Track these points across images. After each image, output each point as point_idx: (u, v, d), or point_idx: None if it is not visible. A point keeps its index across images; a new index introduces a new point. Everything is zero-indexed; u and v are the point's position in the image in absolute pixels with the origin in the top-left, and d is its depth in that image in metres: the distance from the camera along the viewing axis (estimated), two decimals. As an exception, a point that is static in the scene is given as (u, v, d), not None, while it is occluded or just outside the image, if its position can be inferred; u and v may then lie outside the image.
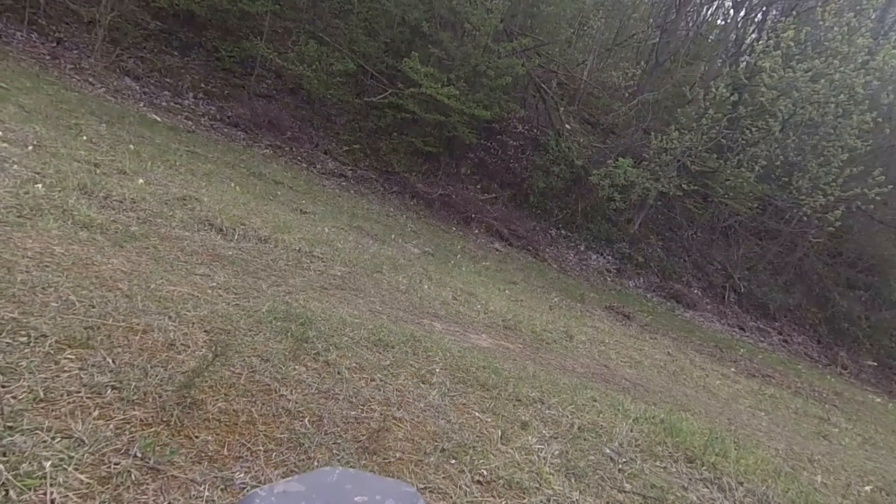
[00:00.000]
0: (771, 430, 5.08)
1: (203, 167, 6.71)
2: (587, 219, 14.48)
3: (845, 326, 15.79)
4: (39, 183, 3.22)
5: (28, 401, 1.46)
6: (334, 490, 0.48)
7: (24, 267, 2.22)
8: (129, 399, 1.66)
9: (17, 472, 1.21)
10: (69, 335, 1.85)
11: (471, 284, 6.39)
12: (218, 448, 1.63)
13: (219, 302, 2.81)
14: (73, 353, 1.77)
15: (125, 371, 1.80)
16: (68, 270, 2.39)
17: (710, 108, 12.37)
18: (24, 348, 1.68)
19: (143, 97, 9.74)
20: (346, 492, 0.48)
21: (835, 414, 7.36)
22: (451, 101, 11.06)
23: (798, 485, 3.41)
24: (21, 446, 1.27)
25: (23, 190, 3.03)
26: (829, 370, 13.22)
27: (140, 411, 1.62)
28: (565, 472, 2.40)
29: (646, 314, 10.48)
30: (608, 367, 5.04)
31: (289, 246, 4.62)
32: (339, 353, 2.73)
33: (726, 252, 16.44)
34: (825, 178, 12.25)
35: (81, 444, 1.39)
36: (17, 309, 1.88)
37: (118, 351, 1.90)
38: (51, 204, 3.03)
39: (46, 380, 1.58)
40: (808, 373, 11.30)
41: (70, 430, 1.42)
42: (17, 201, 2.86)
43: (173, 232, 3.61)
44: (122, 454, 1.42)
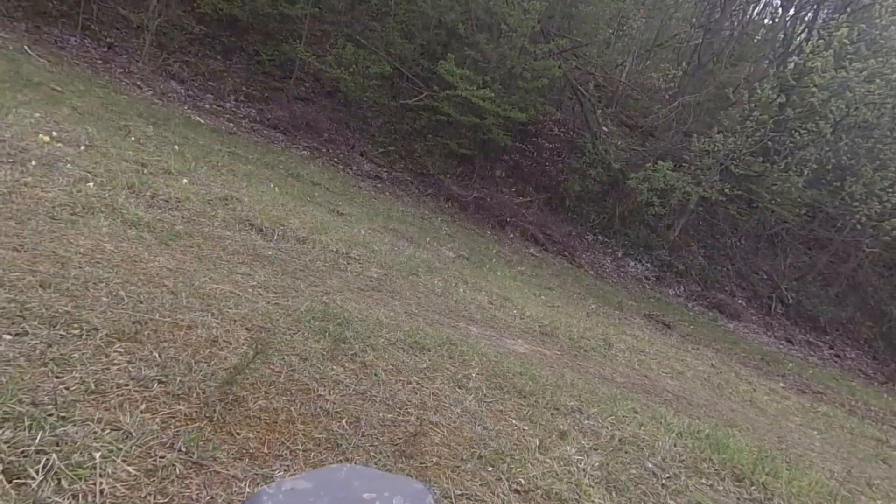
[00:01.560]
0: (825, 451, 4.82)
1: (243, 168, 6.87)
2: (625, 224, 14.15)
3: (904, 342, 14.91)
4: (91, 182, 3.34)
5: (80, 392, 1.50)
6: (342, 487, 0.47)
7: (77, 263, 2.30)
8: (175, 393, 1.68)
9: (69, 461, 1.24)
10: (118, 329, 1.90)
11: (506, 289, 6.32)
12: (258, 445, 1.64)
13: (259, 300, 2.84)
14: (122, 347, 1.81)
15: (171, 366, 1.83)
16: (118, 267, 2.46)
17: (755, 109, 11.92)
18: (76, 341, 1.73)
19: (188, 100, 10.06)
20: (354, 489, 0.47)
21: (894, 436, 6.94)
22: (487, 103, 11.02)
23: (854, 508, 3.22)
24: (73, 436, 1.31)
25: (76, 188, 3.15)
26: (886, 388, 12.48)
27: (184, 406, 1.65)
28: (606, 486, 2.32)
29: (687, 324, 10.16)
30: (649, 377, 4.89)
31: (326, 247, 4.66)
32: (376, 355, 2.72)
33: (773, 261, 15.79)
34: (881, 184, 11.63)
35: (129, 437, 1.41)
36: (71, 303, 1.94)
37: (164, 346, 1.94)
38: (101, 202, 3.13)
39: (97, 372, 1.62)
40: (862, 390, 10.71)
41: (119, 422, 1.45)
42: (71, 199, 2.98)
43: (216, 231, 3.69)
44: (167, 448, 1.44)
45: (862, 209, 11.85)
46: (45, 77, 6.78)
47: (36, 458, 1.21)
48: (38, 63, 7.51)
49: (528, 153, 14.60)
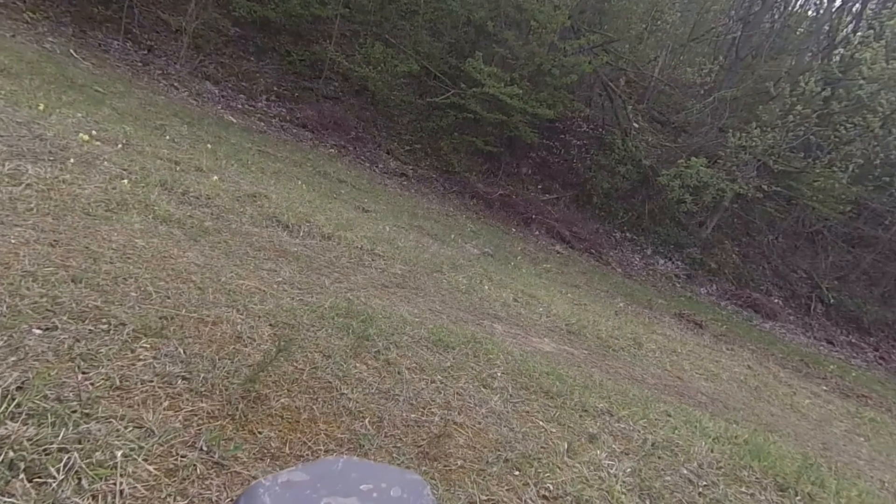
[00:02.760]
0: (873, 459, 4.60)
1: (272, 166, 6.95)
2: (655, 221, 13.84)
3: (955, 344, 14.20)
4: (126, 179, 3.41)
5: (105, 388, 1.50)
6: (339, 479, 0.47)
7: (108, 258, 2.33)
8: (198, 390, 1.68)
9: (91, 460, 1.23)
10: (145, 324, 1.91)
11: (532, 286, 6.22)
12: (280, 445, 1.62)
13: (284, 297, 2.84)
14: (147, 343, 1.82)
15: (195, 362, 1.83)
16: (148, 262, 2.49)
17: (797, 104, 11.48)
18: (103, 336, 1.74)
19: (221, 100, 10.26)
20: (352, 480, 0.47)
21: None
22: (514, 100, 10.91)
23: (906, 522, 3.04)
24: (95, 434, 1.30)
25: (111, 185, 3.21)
26: (938, 392, 11.91)
27: (207, 403, 1.64)
28: (639, 493, 2.23)
29: (720, 323, 9.86)
30: (681, 378, 4.73)
31: (351, 243, 4.66)
32: (400, 353, 2.69)
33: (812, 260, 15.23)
34: (932, 180, 11.08)
35: (151, 435, 1.40)
36: (101, 297, 1.97)
37: (189, 341, 1.94)
38: (135, 199, 3.19)
39: (122, 368, 1.63)
40: (911, 395, 10.22)
41: (142, 419, 1.44)
42: (106, 196, 3.03)
43: (243, 227, 3.72)
44: (189, 447, 1.43)
45: (912, 206, 11.30)
46: (89, 79, 6.99)
47: (57, 457, 1.21)
48: (82, 66, 7.75)
49: (556, 150, 14.41)
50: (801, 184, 12.88)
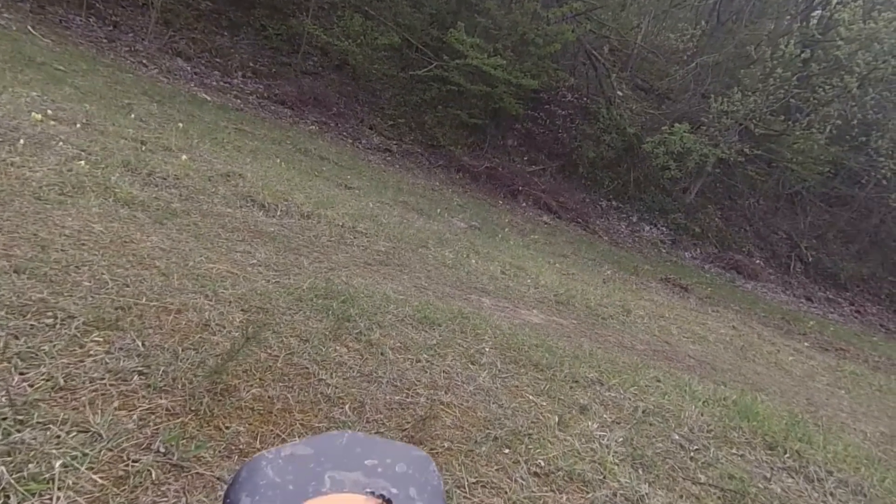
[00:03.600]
0: (854, 411, 4.63)
1: (250, 144, 6.70)
2: (640, 189, 13.81)
3: (926, 295, 14.60)
4: (83, 160, 3.19)
5: (45, 389, 1.36)
6: (343, 453, 0.46)
7: (59, 245, 2.16)
8: (156, 386, 1.54)
9: (22, 474, 1.09)
10: (98, 316, 1.76)
11: (519, 258, 6.13)
12: (250, 440, 1.50)
13: (258, 279, 2.70)
14: (100, 336, 1.67)
15: (154, 354, 1.69)
16: (105, 249, 2.32)
17: (777, 67, 11.38)
18: (48, 331, 1.59)
19: (194, 77, 9.86)
20: (356, 455, 0.46)
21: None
22: (498, 71, 10.66)
23: (894, 473, 3.04)
24: (30, 443, 1.16)
25: (66, 167, 3.01)
26: (909, 341, 12.25)
27: (167, 399, 1.51)
28: (631, 462, 2.17)
29: (704, 286, 9.91)
30: (670, 343, 4.70)
31: (332, 221, 4.50)
32: (383, 333, 2.57)
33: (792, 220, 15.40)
34: (908, 137, 11.12)
35: (98, 440, 1.27)
36: (47, 289, 1.81)
37: (149, 332, 1.80)
38: (93, 181, 2.99)
39: (68, 365, 1.48)
40: (885, 345, 10.47)
41: (87, 422, 1.31)
42: (60, 179, 2.83)
43: (215, 208, 3.54)
44: (143, 449, 1.30)
45: (888, 164, 11.40)
46: (49, 57, 6.61)
47: (-21, 473, 1.06)
48: (41, 43, 7.34)
49: (541, 121, 14.21)
50: (781, 146, 12.89)
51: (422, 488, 0.45)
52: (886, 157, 11.43)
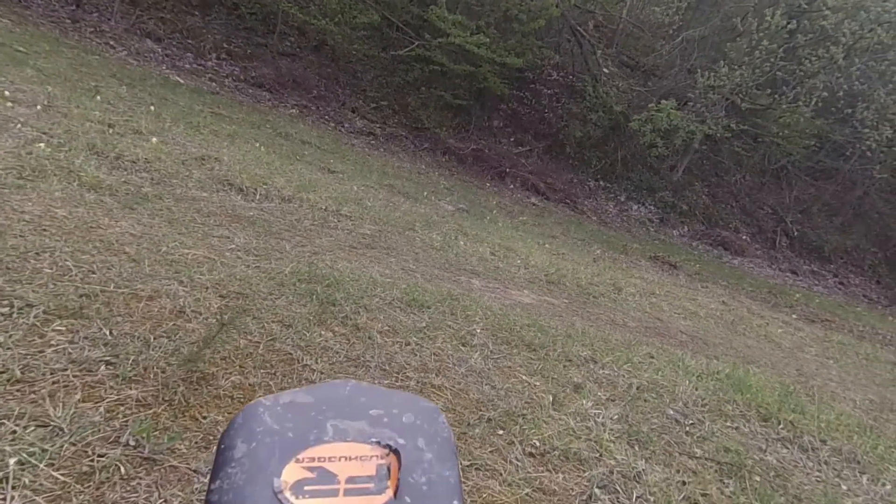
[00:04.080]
0: (843, 380, 4.66)
1: (227, 128, 6.50)
2: (627, 168, 13.77)
3: (907, 265, 14.87)
4: (44, 143, 3.02)
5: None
6: (347, 402, 0.44)
7: (18, 231, 2.02)
8: (125, 376, 1.44)
9: (-34, 475, 0.99)
10: (60, 304, 1.64)
11: (509, 239, 6.05)
12: (228, 429, 1.41)
13: (237, 264, 2.58)
14: (63, 325, 1.55)
15: (123, 344, 1.58)
16: (69, 235, 2.19)
17: (763, 39, 11.29)
18: (2, 320, 1.47)
19: (166, 59, 9.54)
20: (360, 404, 0.44)
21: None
22: (482, 49, 10.45)
23: (886, 439, 3.04)
24: (-23, 441, 1.06)
25: (25, 150, 2.84)
26: (890, 311, 12.50)
27: (137, 390, 1.40)
28: (627, 439, 2.11)
29: (693, 263, 9.95)
30: (661, 319, 4.67)
31: (314, 205, 4.37)
32: (370, 316, 2.48)
33: (777, 195, 15.51)
34: (893, 108, 11.16)
35: (59, 434, 1.17)
36: (2, 276, 1.68)
37: (117, 321, 1.69)
38: (56, 165, 2.83)
39: (26, 356, 1.37)
40: (868, 315, 10.65)
41: (47, 416, 1.20)
42: (19, 162, 2.67)
43: (190, 192, 3.39)
44: (110, 443, 1.20)
45: (872, 135, 11.45)
46: (7, 38, 6.31)
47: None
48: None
49: (526, 101, 14.05)
50: (767, 121, 12.89)
51: (431, 439, 0.43)
52: (871, 129, 11.46)
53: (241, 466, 0.39)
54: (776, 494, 1.96)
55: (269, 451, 0.40)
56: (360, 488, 0.39)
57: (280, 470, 0.39)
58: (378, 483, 0.39)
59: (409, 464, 0.41)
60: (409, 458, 0.41)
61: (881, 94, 11.28)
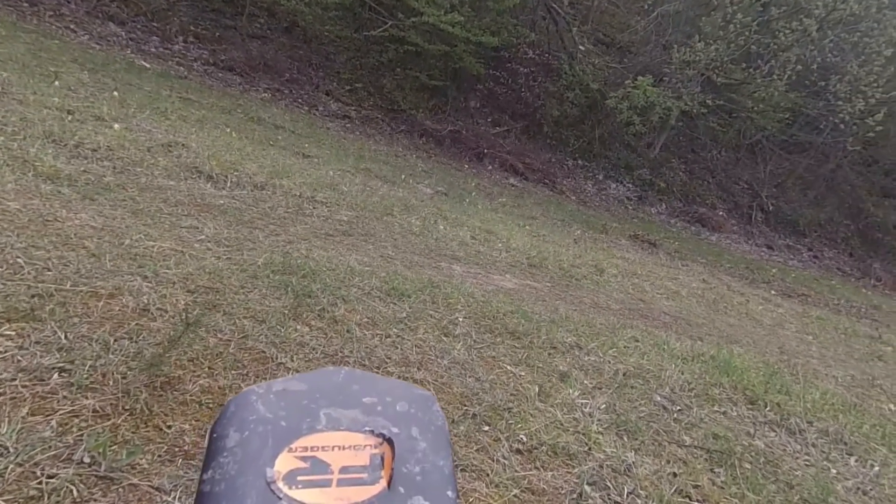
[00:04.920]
0: (823, 356, 4.74)
1: (196, 114, 6.26)
2: (605, 146, 13.76)
3: (879, 237, 15.27)
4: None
5: (-69, 401, 1.14)
6: (340, 390, 0.44)
7: (-38, 230, 1.87)
8: (81, 384, 1.33)
9: None
10: (9, 306, 1.52)
11: (489, 222, 5.98)
12: (197, 439, 1.31)
13: (207, 256, 2.46)
14: (12, 329, 1.43)
15: (80, 347, 1.46)
16: (23, 229, 2.04)
17: (737, 12, 11.28)
18: (-60, 330, 1.35)
19: (130, 43, 9.15)
20: (354, 392, 0.44)
21: (884, 331, 6.98)
22: (456, 28, 10.24)
23: (870, 417, 3.09)
24: None
25: (-27, 142, 2.65)
26: (863, 283, 12.86)
27: (94, 399, 1.30)
28: (616, 430, 2.08)
29: (672, 240, 10.04)
30: (644, 300, 4.67)
31: (289, 192, 4.23)
32: (348, 308, 2.39)
33: (753, 170, 15.69)
34: (866, 80, 11.28)
35: (3, 454, 1.06)
36: (-57, 280, 1.54)
37: (73, 322, 1.57)
38: (8, 154, 2.65)
39: (-33, 369, 1.25)
40: (842, 288, 10.92)
41: (-11, 435, 1.10)
42: (-35, 155, 2.49)
43: (156, 181, 3.23)
44: (62, 461, 1.10)
45: (846, 108, 11.57)
46: (-45, 24, 5.95)
47: None
48: (-53, 9, 6.60)
49: (503, 80, 13.88)
50: (741, 95, 12.96)
51: (425, 428, 0.43)
52: (844, 101, 11.58)
53: (233, 456, 0.39)
54: (767, 482, 1.95)
55: (261, 440, 0.40)
56: (353, 478, 0.39)
57: (273, 460, 0.38)
58: (371, 473, 0.39)
59: (403, 453, 0.40)
60: (403, 448, 0.41)
61: (854, 66, 11.40)
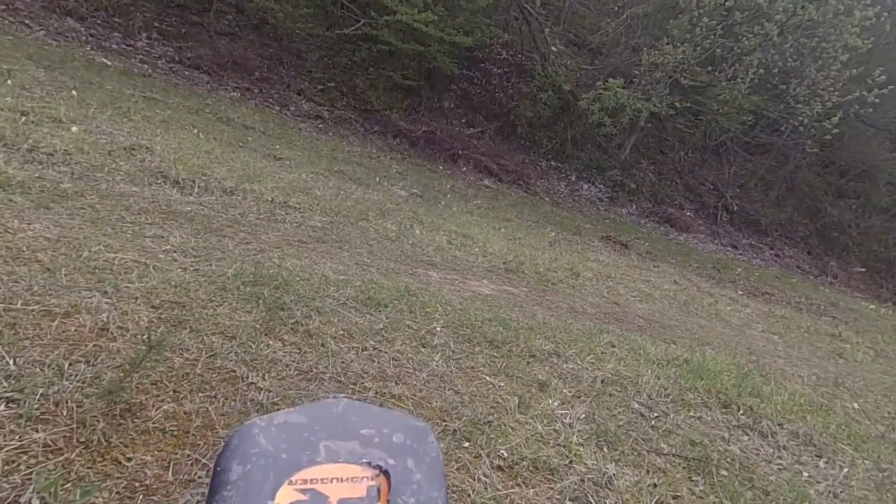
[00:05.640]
0: (789, 355, 4.86)
1: (161, 114, 6.04)
2: (577, 147, 13.92)
3: (835, 235, 15.85)
4: (-62, 138, 2.66)
5: None
6: (339, 422, 0.45)
7: None
8: (31, 415, 1.23)
9: None
10: (-49, 334, 1.40)
11: (465, 226, 5.94)
12: (160, 472, 1.23)
13: (173, 268, 2.35)
14: (-47, 359, 1.32)
15: (30, 374, 1.36)
16: (-32, 245, 1.90)
17: (703, 16, 11.54)
18: None
19: (90, 39, 8.80)
20: (352, 424, 0.45)
21: (843, 328, 7.22)
22: (430, 28, 10.19)
23: (836, 417, 3.16)
24: None
25: (-86, 148, 2.48)
26: (821, 280, 13.32)
27: (45, 432, 1.20)
28: (596, 441, 2.06)
29: (642, 241, 10.20)
30: (619, 304, 4.70)
31: (260, 197, 4.10)
32: (323, 320, 2.31)
33: (718, 171, 16.11)
34: (823, 83, 11.68)
35: (-60, 503, 0.97)
36: None
37: (24, 346, 1.46)
38: (-48, 163, 2.48)
39: None
40: (802, 285, 11.27)
41: (-77, 482, 1.00)
42: None
43: (117, 187, 3.08)
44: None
45: (804, 110, 11.97)
46: None
47: None
48: None
49: (477, 81, 13.90)
50: (707, 98, 13.28)
51: (420, 459, 0.44)
52: (803, 104, 11.97)
53: (236, 489, 0.40)
54: (744, 489, 1.96)
55: (263, 473, 0.41)
56: None
57: (274, 493, 0.40)
58: None
59: (399, 485, 0.41)
60: (399, 479, 0.42)
61: (812, 71, 11.78)
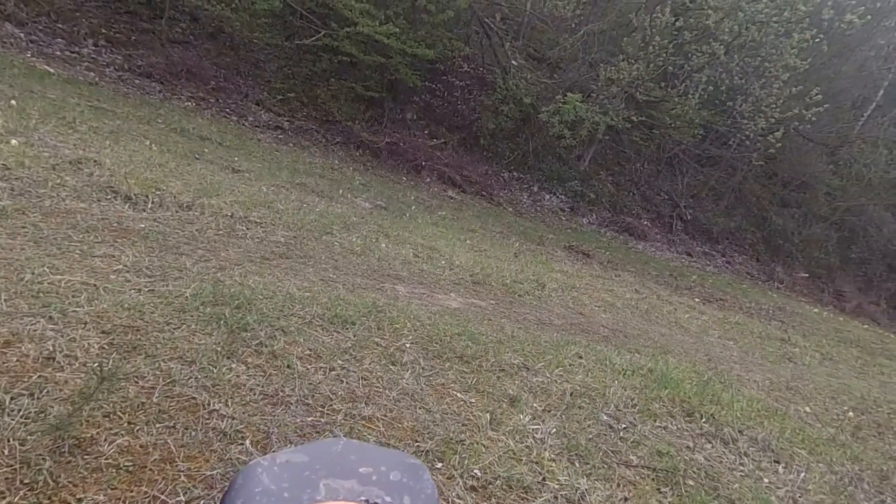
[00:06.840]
0: (744, 360, 5.03)
1: (110, 124, 5.79)
2: (538, 159, 14.18)
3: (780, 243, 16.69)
4: None
5: None
6: (338, 460, 0.47)
7: None
8: (-32, 462, 1.13)
9: None
10: None
11: (430, 238, 5.92)
12: (114, 515, 1.14)
13: (125, 290, 2.22)
14: None
15: (-34, 415, 1.25)
16: None
17: (655, 35, 12.03)
18: None
19: (31, 46, 8.40)
20: (351, 462, 0.47)
21: (791, 332, 7.55)
22: (391, 40, 10.20)
23: (791, 421, 3.28)
24: None
25: None
26: (768, 285, 13.94)
27: (-16, 479, 1.10)
28: (567, 455, 2.06)
29: (603, 250, 10.43)
30: (584, 314, 4.77)
31: (219, 211, 3.97)
32: (288, 340, 2.24)
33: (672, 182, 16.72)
34: (766, 101, 12.35)
35: None
36: None
37: (-41, 383, 1.34)
38: None
39: None
40: (752, 291, 11.76)
41: None
42: None
43: (62, 204, 2.91)
44: (-60, 568, 0.92)
45: (750, 125, 12.63)
46: None
47: None
48: None
49: (439, 93, 14.00)
50: (660, 112, 13.82)
51: (416, 497, 0.45)
52: (749, 120, 12.64)
53: None
54: (710, 499, 2.00)
55: None
56: None
57: None
58: None
59: None
60: None
61: (756, 88, 12.44)
